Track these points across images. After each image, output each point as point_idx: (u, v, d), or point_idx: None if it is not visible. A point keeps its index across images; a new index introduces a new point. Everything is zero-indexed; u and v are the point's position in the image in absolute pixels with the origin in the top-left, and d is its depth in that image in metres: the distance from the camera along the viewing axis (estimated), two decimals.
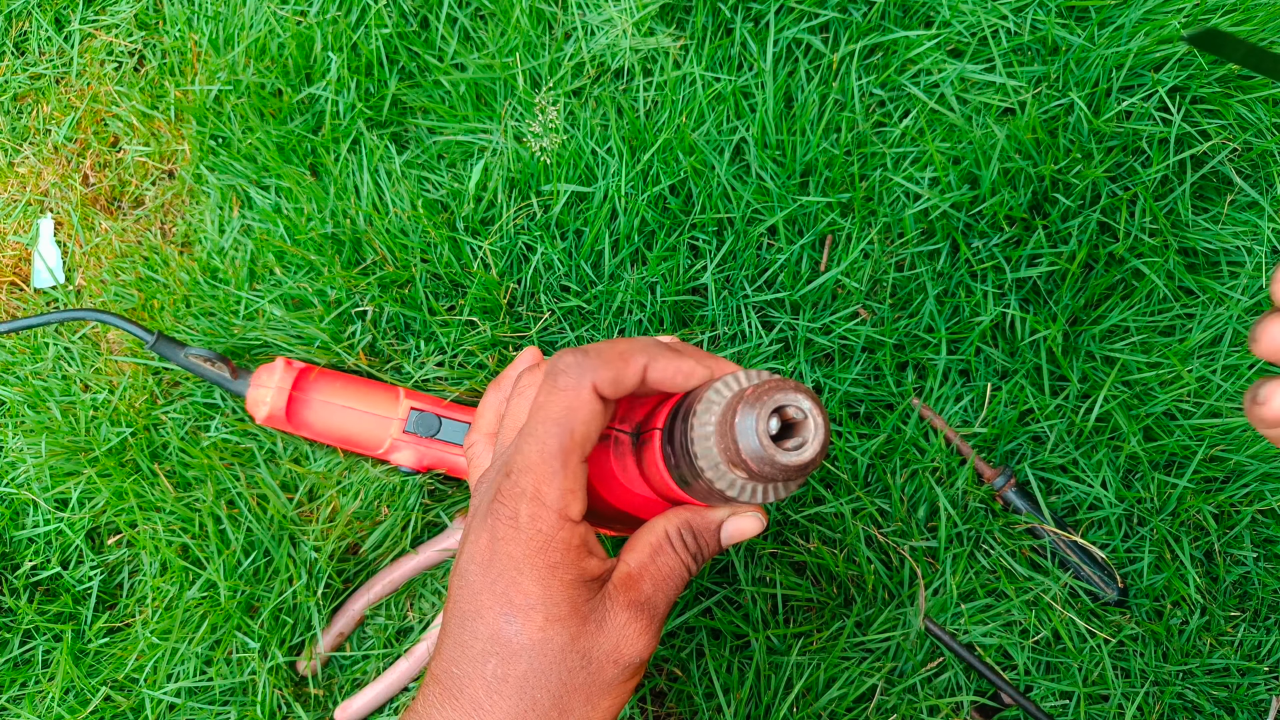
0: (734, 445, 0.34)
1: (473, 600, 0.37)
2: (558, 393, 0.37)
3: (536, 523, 0.36)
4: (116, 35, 0.70)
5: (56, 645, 0.61)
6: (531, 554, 0.36)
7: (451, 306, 0.63)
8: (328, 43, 0.66)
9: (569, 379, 0.37)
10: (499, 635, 0.36)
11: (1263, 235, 0.63)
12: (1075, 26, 0.64)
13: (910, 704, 0.59)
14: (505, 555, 0.36)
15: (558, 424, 0.37)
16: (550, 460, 0.36)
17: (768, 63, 0.63)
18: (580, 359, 0.37)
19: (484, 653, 0.36)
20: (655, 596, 0.38)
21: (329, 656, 0.61)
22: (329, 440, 0.60)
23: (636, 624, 0.37)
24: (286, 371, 0.59)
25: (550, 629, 0.36)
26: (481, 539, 0.37)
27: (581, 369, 0.37)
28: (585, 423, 0.37)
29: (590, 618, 0.37)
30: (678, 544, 0.39)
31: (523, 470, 0.37)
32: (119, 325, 0.60)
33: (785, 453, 0.34)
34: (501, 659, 0.36)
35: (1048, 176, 0.62)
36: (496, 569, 0.36)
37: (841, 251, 0.63)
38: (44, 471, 0.63)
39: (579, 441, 0.37)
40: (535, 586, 0.36)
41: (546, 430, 0.37)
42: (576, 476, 0.37)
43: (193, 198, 0.68)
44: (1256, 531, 0.62)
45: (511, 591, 0.36)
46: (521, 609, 0.36)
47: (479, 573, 0.37)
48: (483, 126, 0.65)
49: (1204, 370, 0.62)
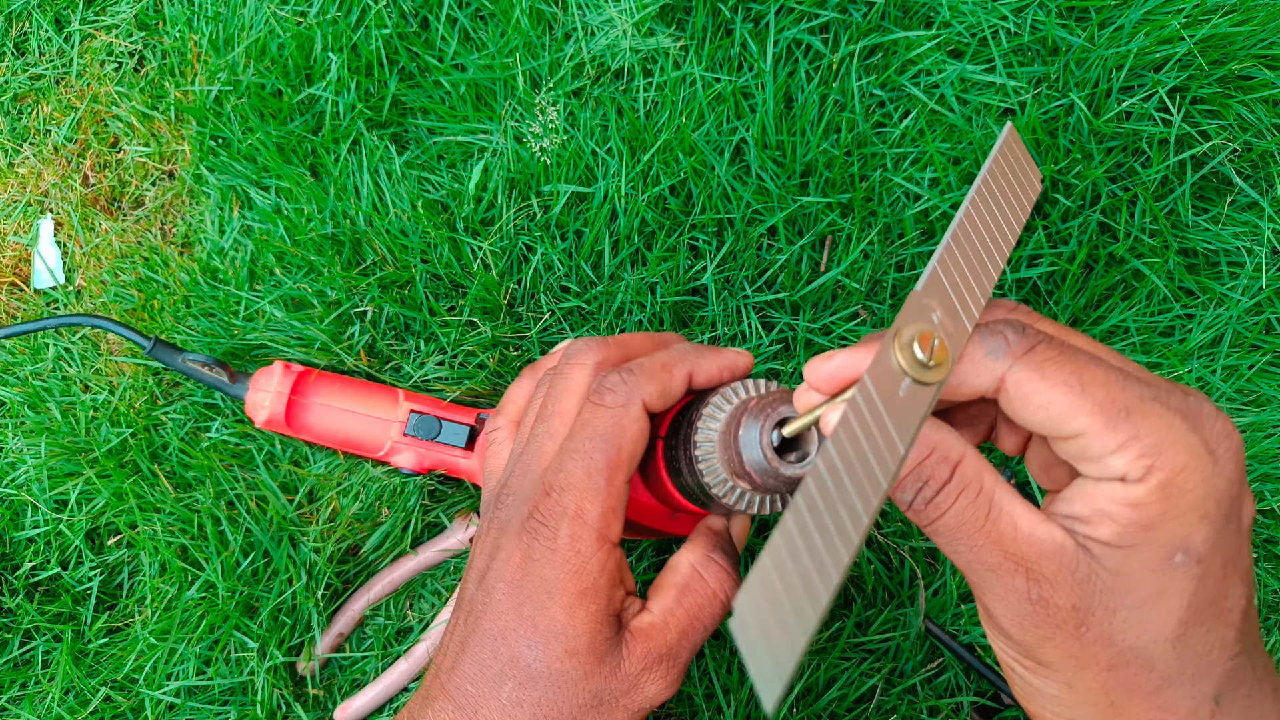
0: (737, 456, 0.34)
1: (498, 620, 0.36)
2: (605, 410, 0.36)
3: (575, 543, 0.35)
4: (116, 36, 0.70)
5: (56, 645, 0.61)
6: (565, 577, 0.35)
7: (452, 307, 0.63)
8: (328, 43, 0.66)
9: (617, 396, 0.36)
10: (519, 658, 0.35)
11: (1263, 235, 0.63)
12: (1075, 27, 0.64)
13: (910, 704, 0.59)
14: (538, 577, 0.35)
15: (605, 439, 0.35)
16: (595, 477, 0.35)
17: (768, 63, 0.63)
18: (627, 377, 0.36)
19: (501, 674, 0.35)
20: (678, 645, 0.37)
21: (328, 658, 0.61)
22: (329, 443, 0.60)
23: (652, 673, 0.36)
24: (285, 375, 0.59)
25: (568, 662, 0.35)
26: (514, 557, 0.36)
27: (630, 386, 0.36)
28: (634, 440, 0.36)
29: (606, 659, 0.35)
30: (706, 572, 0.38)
31: (565, 488, 0.36)
32: (115, 331, 0.60)
33: (788, 465, 0.34)
34: (519, 683, 0.35)
35: (1048, 177, 0.62)
36: (526, 591, 0.35)
37: (841, 252, 0.63)
38: (43, 472, 0.63)
39: (626, 459, 0.36)
40: (561, 613, 0.35)
41: (594, 445, 0.35)
42: (620, 496, 0.36)
43: (193, 198, 0.68)
44: (1256, 532, 0.62)
45: (537, 616, 0.35)
46: (544, 635, 0.35)
47: (507, 592, 0.36)
48: (483, 127, 0.65)
49: (1204, 371, 0.62)
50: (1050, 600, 0.28)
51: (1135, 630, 0.28)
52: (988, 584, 0.29)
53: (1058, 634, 0.28)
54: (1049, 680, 0.29)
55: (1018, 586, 0.28)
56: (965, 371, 0.29)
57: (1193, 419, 0.27)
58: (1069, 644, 0.28)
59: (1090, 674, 0.28)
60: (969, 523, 0.29)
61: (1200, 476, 0.27)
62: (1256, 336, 0.62)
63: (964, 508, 0.29)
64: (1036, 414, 0.28)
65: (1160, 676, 0.28)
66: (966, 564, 0.29)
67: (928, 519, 0.29)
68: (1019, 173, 0.33)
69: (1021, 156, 0.33)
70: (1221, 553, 0.27)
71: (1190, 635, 0.28)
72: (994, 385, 0.28)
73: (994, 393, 0.29)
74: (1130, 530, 0.27)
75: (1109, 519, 0.27)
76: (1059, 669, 0.29)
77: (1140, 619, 0.28)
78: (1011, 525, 0.29)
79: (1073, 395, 0.27)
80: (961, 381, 0.29)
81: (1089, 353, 0.28)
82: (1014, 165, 0.33)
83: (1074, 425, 0.27)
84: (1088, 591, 0.28)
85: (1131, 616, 0.28)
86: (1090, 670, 0.28)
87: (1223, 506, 0.27)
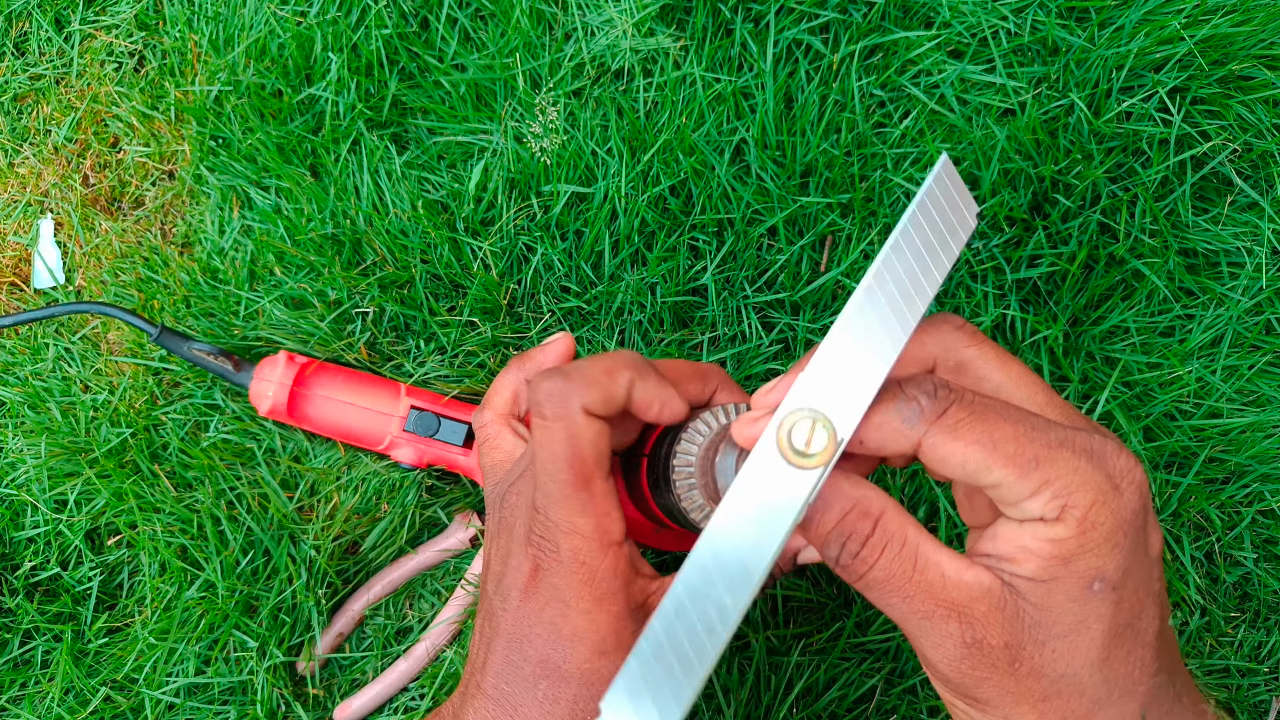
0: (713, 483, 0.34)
1: (519, 625, 0.36)
2: (548, 426, 0.35)
3: (579, 555, 0.35)
4: (117, 36, 0.70)
5: (56, 645, 0.61)
6: (578, 587, 0.35)
7: (452, 307, 0.63)
8: (328, 43, 0.66)
9: (554, 408, 0.35)
10: (549, 661, 0.36)
11: (1263, 236, 0.63)
12: (1075, 27, 0.64)
13: (910, 704, 0.59)
14: (550, 586, 0.36)
15: (562, 457, 0.35)
16: (572, 495, 0.35)
17: (768, 63, 0.63)
18: (561, 384, 0.35)
19: (535, 675, 0.36)
20: None
21: (328, 657, 0.61)
22: (330, 434, 0.60)
23: None
24: (289, 366, 0.59)
25: (597, 661, 0.35)
26: (524, 566, 0.36)
27: (565, 394, 0.35)
28: (592, 444, 0.35)
29: None
30: None
31: (547, 507, 0.35)
32: (123, 319, 0.61)
33: None
34: (552, 682, 0.36)
35: (1048, 177, 0.62)
36: (542, 598, 0.36)
37: (842, 252, 0.63)
38: (44, 472, 0.63)
39: (594, 464, 0.35)
40: (582, 620, 0.35)
41: (556, 466, 0.35)
42: (607, 498, 0.36)
43: (193, 198, 0.68)
44: (1256, 532, 0.62)
45: (559, 622, 0.35)
46: (569, 640, 0.35)
47: (522, 599, 0.36)
48: (483, 127, 0.65)
49: (1204, 371, 0.62)
50: (984, 641, 0.29)
51: (1064, 659, 0.29)
52: (923, 631, 0.30)
53: (994, 673, 0.29)
54: (989, 717, 0.31)
55: (952, 632, 0.29)
56: (883, 438, 0.30)
57: (1098, 459, 0.29)
58: (1004, 681, 0.29)
59: (1026, 707, 0.30)
60: (897, 575, 0.30)
61: (1108, 510, 0.29)
62: (1256, 337, 0.62)
63: (890, 560, 0.30)
64: (955, 471, 0.30)
65: (1090, 700, 0.30)
66: (901, 616, 0.30)
67: (856, 574, 0.30)
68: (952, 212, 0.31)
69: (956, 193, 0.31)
70: (1133, 578, 0.29)
71: (1113, 658, 0.30)
72: (912, 449, 0.30)
73: (912, 454, 0.31)
74: (1051, 564, 0.29)
75: (1031, 555, 0.29)
76: (997, 705, 0.30)
77: (1067, 647, 0.29)
78: (939, 574, 0.30)
79: (986, 452, 0.29)
80: (880, 446, 0.30)
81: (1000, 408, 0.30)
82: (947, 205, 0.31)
83: (990, 478, 0.29)
84: (1017, 628, 0.29)
85: (1059, 646, 0.29)
86: (1026, 703, 0.30)
87: (1130, 535, 0.29)
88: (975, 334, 0.34)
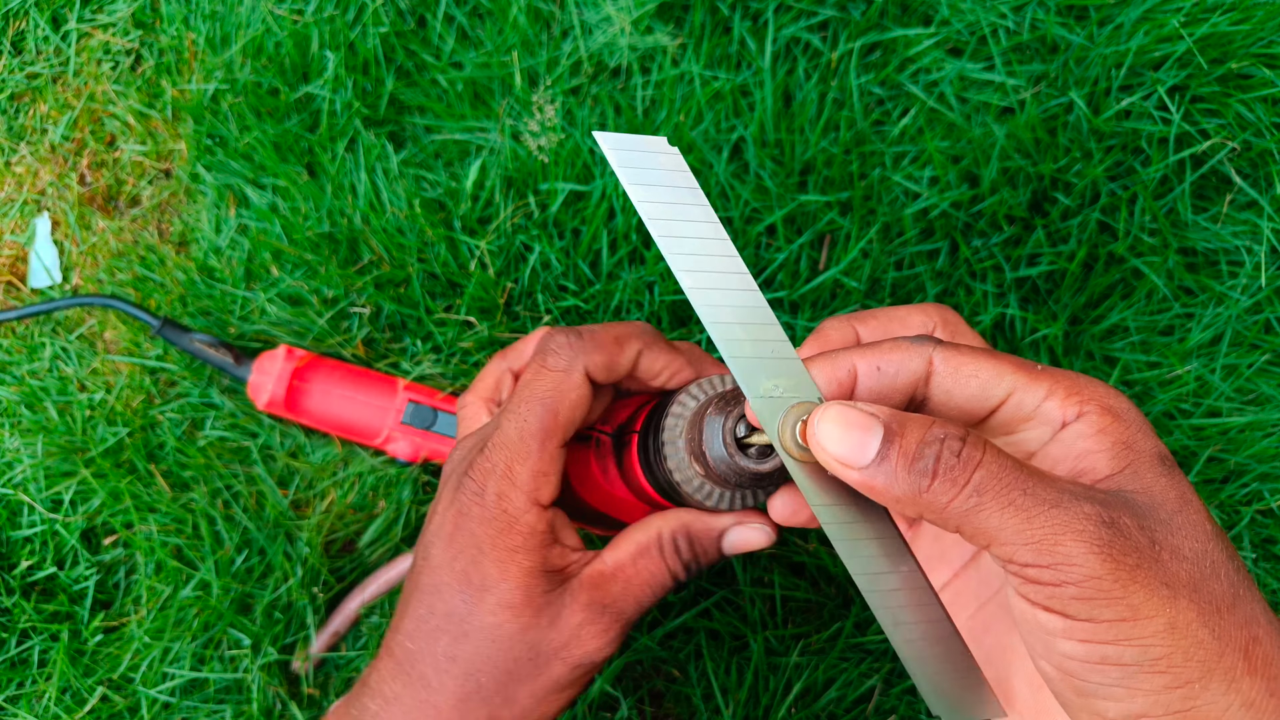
0: (700, 448, 0.34)
1: (433, 575, 0.36)
2: (546, 373, 0.36)
3: (502, 502, 0.35)
4: (113, 34, 0.70)
5: (53, 645, 0.61)
6: (494, 534, 0.35)
7: (448, 306, 0.63)
8: (324, 41, 0.66)
9: (560, 359, 0.36)
10: (453, 613, 0.35)
11: (1262, 235, 0.63)
12: (1075, 25, 0.63)
13: (909, 705, 0.59)
14: (468, 532, 0.35)
15: (541, 403, 0.35)
16: (529, 440, 0.35)
17: (766, 61, 0.63)
18: (574, 340, 0.36)
19: (438, 629, 0.35)
20: (623, 600, 0.37)
21: (324, 657, 0.61)
22: (327, 428, 0.60)
23: (594, 626, 0.36)
24: (288, 359, 0.60)
25: (501, 614, 0.35)
26: (449, 514, 0.36)
27: (574, 350, 0.36)
28: (572, 406, 0.36)
29: (545, 611, 0.35)
30: (668, 549, 0.37)
31: (497, 446, 0.36)
32: (126, 310, 0.62)
33: (749, 459, 0.33)
34: (453, 637, 0.35)
35: (1047, 175, 0.62)
36: (458, 545, 0.36)
37: (840, 250, 0.63)
38: (40, 471, 0.62)
39: (562, 424, 0.36)
40: (493, 568, 0.35)
41: (530, 409, 0.36)
42: (553, 460, 0.36)
43: (189, 197, 0.68)
44: (1255, 531, 0.62)
45: (470, 570, 0.35)
46: (477, 589, 0.35)
47: (441, 548, 0.36)
48: (480, 125, 0.65)
49: (1203, 370, 0.62)
50: (1120, 521, 0.26)
51: (1189, 535, 0.27)
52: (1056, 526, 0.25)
53: (1143, 559, 0.26)
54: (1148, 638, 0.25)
55: (1089, 513, 0.26)
56: (898, 361, 0.30)
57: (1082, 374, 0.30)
58: (1154, 569, 0.26)
59: (1184, 603, 0.26)
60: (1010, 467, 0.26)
61: (1123, 402, 0.29)
62: (1256, 336, 0.62)
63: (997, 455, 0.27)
64: (969, 382, 0.30)
65: (1229, 583, 0.27)
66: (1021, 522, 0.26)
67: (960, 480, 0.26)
68: (649, 161, 0.31)
69: (637, 147, 0.31)
70: None
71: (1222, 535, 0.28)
72: (924, 369, 0.30)
73: (924, 382, 0.30)
74: (1117, 450, 0.28)
75: (1093, 453, 0.28)
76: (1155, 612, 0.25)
77: (1185, 521, 0.27)
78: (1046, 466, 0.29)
79: (994, 361, 0.30)
80: (897, 371, 0.30)
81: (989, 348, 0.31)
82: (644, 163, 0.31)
83: (1004, 385, 0.29)
84: (1137, 510, 0.27)
85: (1179, 521, 0.27)
86: (1183, 597, 0.26)
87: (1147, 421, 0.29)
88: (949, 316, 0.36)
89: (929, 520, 0.28)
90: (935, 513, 0.27)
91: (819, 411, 0.29)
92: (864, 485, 0.28)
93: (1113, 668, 0.26)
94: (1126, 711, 0.26)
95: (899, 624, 0.30)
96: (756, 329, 0.30)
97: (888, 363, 0.30)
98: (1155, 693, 0.26)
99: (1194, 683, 0.25)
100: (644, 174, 0.31)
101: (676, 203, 0.31)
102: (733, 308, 0.30)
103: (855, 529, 0.30)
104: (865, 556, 0.30)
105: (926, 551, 0.38)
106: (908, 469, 0.27)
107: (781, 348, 0.30)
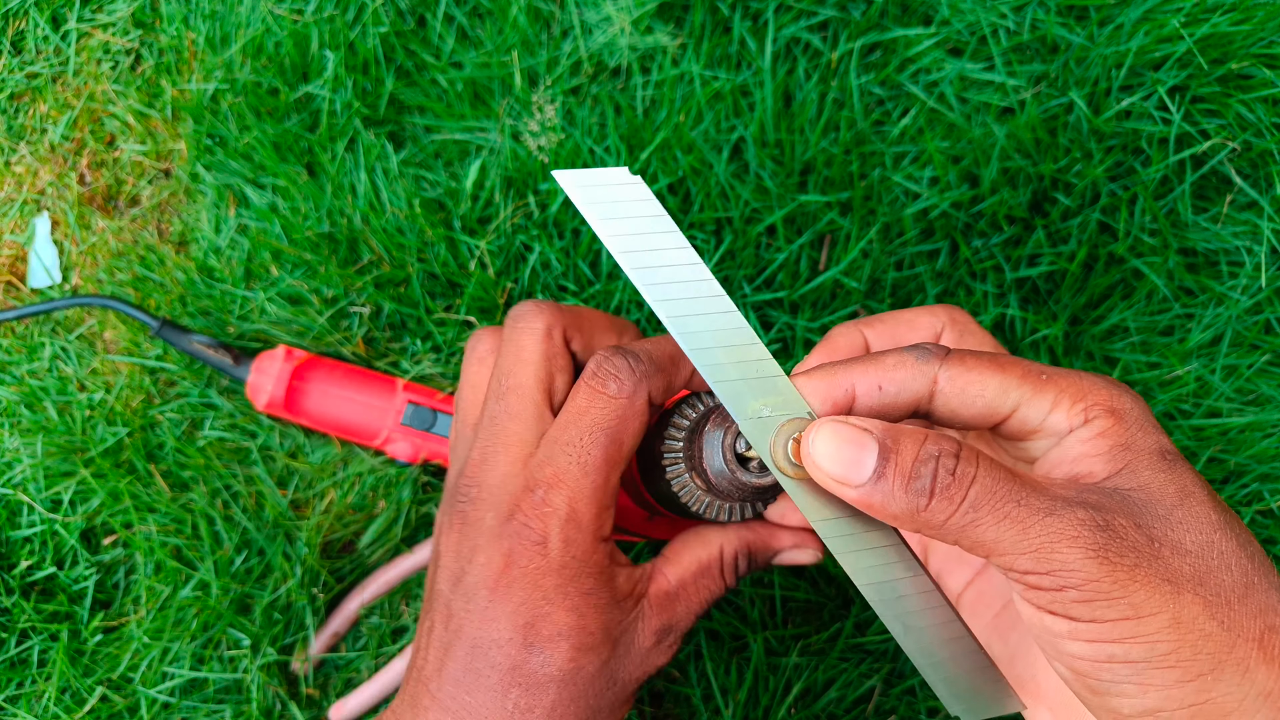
0: (700, 460, 0.34)
1: (485, 627, 0.33)
2: (608, 400, 0.33)
3: (571, 548, 0.33)
4: (113, 34, 0.70)
5: (53, 645, 0.61)
6: (564, 583, 0.33)
7: (448, 306, 0.63)
8: (324, 41, 0.66)
9: (623, 386, 0.33)
10: (522, 667, 0.32)
11: (1262, 235, 0.63)
12: (1075, 25, 0.63)
13: (909, 705, 0.59)
14: (529, 583, 0.33)
15: (606, 433, 0.33)
16: (592, 474, 0.33)
17: (766, 61, 0.63)
18: (634, 363, 0.33)
19: (504, 684, 0.33)
20: (686, 618, 0.36)
21: (323, 657, 0.61)
22: (327, 429, 0.60)
23: (662, 644, 0.36)
24: (287, 360, 0.60)
25: (582, 658, 0.33)
26: (495, 561, 0.33)
27: (638, 375, 0.33)
28: (635, 435, 0.33)
29: (620, 642, 0.34)
30: (728, 568, 0.36)
31: (555, 485, 0.33)
32: (126, 311, 0.62)
33: (748, 473, 0.33)
34: (525, 690, 0.33)
35: (1047, 176, 0.62)
36: (517, 597, 0.33)
37: (841, 251, 0.62)
38: (39, 471, 0.62)
39: (625, 456, 0.33)
40: (567, 617, 0.33)
41: (593, 439, 0.33)
42: (614, 493, 0.34)
43: (189, 196, 0.68)
44: (1255, 532, 0.62)
45: (538, 623, 0.33)
46: (549, 639, 0.33)
47: (493, 599, 0.33)
48: (480, 125, 0.65)
49: (1203, 370, 0.62)
50: (1115, 524, 0.26)
51: (1193, 527, 0.27)
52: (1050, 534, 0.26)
53: (1141, 558, 0.26)
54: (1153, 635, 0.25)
55: (1083, 518, 0.26)
56: (903, 377, 0.30)
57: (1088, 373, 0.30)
58: (1154, 566, 0.26)
59: (1188, 597, 0.25)
60: (1003, 481, 0.27)
61: (1127, 400, 0.29)
62: (1256, 336, 0.62)
63: (990, 469, 0.27)
64: (975, 400, 0.29)
65: (1239, 573, 0.27)
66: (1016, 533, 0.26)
67: (956, 497, 0.27)
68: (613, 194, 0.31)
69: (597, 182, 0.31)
70: None
71: (1232, 521, 0.28)
72: (929, 387, 0.30)
73: (928, 398, 0.30)
74: (1115, 451, 0.28)
75: (1091, 456, 0.28)
76: (1158, 608, 0.25)
77: (1187, 514, 0.27)
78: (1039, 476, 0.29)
79: (1000, 374, 0.29)
80: (901, 389, 0.30)
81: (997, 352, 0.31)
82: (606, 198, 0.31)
83: (1010, 399, 0.29)
84: (1135, 510, 0.27)
85: (1181, 515, 0.27)
86: (1187, 591, 0.26)
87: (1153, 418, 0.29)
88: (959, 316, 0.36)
89: (926, 535, 0.28)
90: (933, 529, 0.27)
91: (812, 429, 0.29)
92: (862, 503, 0.28)
93: (1121, 665, 0.26)
94: (1141, 707, 0.26)
95: (909, 629, 0.30)
96: (738, 350, 0.30)
97: (890, 381, 0.30)
98: (1167, 687, 0.26)
99: (1205, 675, 0.25)
100: (608, 208, 0.31)
101: (644, 233, 0.31)
102: (712, 332, 0.30)
103: (855, 540, 0.30)
104: (868, 566, 0.30)
105: (945, 552, 0.38)
106: (905, 488, 0.27)
107: (766, 366, 0.30)
